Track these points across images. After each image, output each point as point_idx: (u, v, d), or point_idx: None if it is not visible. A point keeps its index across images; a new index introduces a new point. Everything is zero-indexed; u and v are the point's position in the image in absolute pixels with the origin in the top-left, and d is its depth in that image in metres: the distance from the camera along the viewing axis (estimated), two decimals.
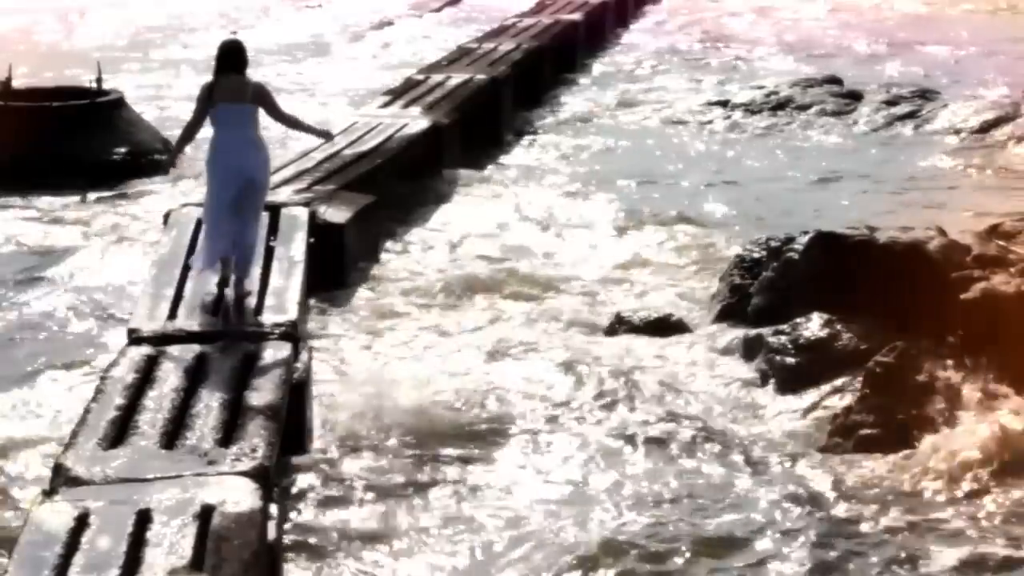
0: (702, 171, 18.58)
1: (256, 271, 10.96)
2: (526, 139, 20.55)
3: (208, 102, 10.44)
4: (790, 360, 10.73)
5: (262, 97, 10.52)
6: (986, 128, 20.43)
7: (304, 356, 9.84)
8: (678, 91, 24.37)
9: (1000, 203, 16.51)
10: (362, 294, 13.08)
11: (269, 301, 10.51)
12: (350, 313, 12.57)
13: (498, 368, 11.31)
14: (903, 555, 8.32)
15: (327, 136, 11.85)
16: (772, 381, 10.68)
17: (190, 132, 10.75)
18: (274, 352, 9.47)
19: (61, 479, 7.50)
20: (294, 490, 8.98)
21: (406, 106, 19.10)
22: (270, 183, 11.34)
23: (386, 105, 19.27)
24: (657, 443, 9.86)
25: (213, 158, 10.51)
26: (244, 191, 10.46)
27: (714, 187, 17.59)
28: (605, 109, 23.05)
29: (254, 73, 10.92)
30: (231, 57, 10.49)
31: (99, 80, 18.36)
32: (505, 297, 13.17)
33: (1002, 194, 17.18)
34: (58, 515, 7.02)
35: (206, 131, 10.75)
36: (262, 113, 10.55)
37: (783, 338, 10.95)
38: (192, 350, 9.46)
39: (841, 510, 8.88)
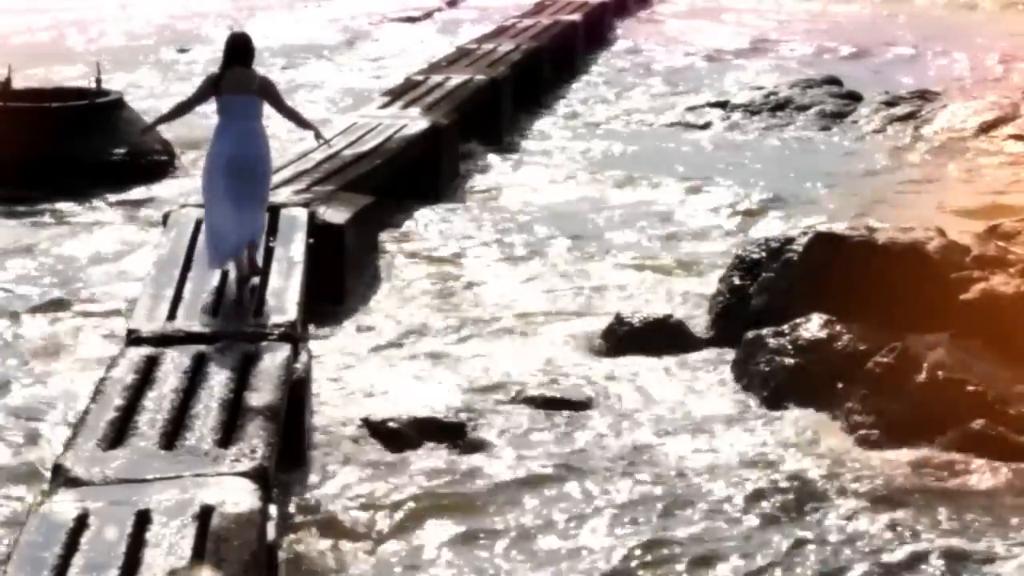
0: (701, 171, 18.56)
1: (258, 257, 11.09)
2: (525, 140, 20.54)
3: (214, 92, 10.68)
4: (789, 361, 10.72)
5: (267, 90, 10.76)
6: (985, 129, 20.43)
7: (303, 357, 9.83)
8: (677, 91, 24.38)
9: (999, 203, 16.52)
10: (361, 295, 13.08)
11: (269, 302, 10.51)
12: (349, 313, 12.57)
13: (496, 370, 11.33)
14: (903, 555, 8.33)
15: (323, 138, 11.93)
16: (771, 382, 10.67)
17: (182, 109, 11.01)
18: (273, 353, 9.46)
19: (60, 479, 7.49)
20: (293, 490, 8.98)
21: (405, 107, 19.09)
22: (272, 172, 11.49)
23: (385, 106, 19.26)
24: (651, 443, 9.88)
25: (217, 147, 10.70)
26: (248, 179, 10.64)
27: (712, 187, 17.57)
28: (604, 110, 23.05)
29: None
30: (239, 50, 10.71)
31: (98, 81, 18.35)
32: (503, 297, 13.17)
33: (1001, 194, 17.19)
34: (57, 516, 7.02)
35: (205, 130, 10.80)
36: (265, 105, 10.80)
37: (782, 339, 10.94)
38: (191, 351, 9.45)
39: (840, 511, 8.88)
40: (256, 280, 10.87)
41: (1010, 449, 9.55)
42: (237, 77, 10.65)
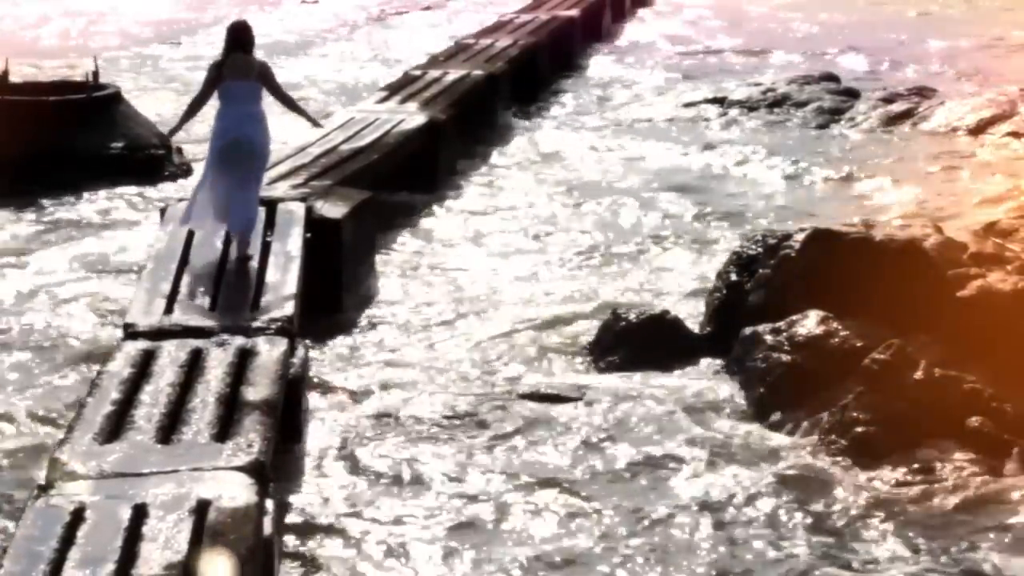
0: (698, 167, 18.58)
1: (256, 245, 11.38)
2: (523, 136, 20.53)
3: (217, 78, 11.19)
4: (786, 358, 10.72)
5: (265, 75, 11.33)
6: (983, 126, 20.42)
7: (300, 351, 9.84)
8: (675, 87, 24.36)
9: (997, 201, 16.52)
10: (358, 289, 13.07)
11: (266, 296, 10.51)
12: (346, 308, 12.57)
13: (493, 365, 11.34)
14: (899, 554, 8.33)
15: (316, 124, 12.27)
16: (767, 379, 10.67)
17: (196, 106, 11.53)
18: (270, 347, 9.47)
19: (57, 474, 7.50)
20: (290, 485, 8.98)
21: (403, 101, 19.09)
22: (270, 154, 11.85)
23: (383, 100, 19.26)
24: (646, 441, 9.88)
25: (219, 129, 11.17)
26: (247, 160, 11.12)
27: (709, 184, 17.58)
28: (601, 105, 23.04)
29: None
30: (239, 37, 11.31)
31: (96, 74, 18.32)
32: (503, 291, 13.18)
33: (999, 192, 17.18)
34: (54, 510, 7.02)
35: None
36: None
37: (779, 336, 10.94)
38: (188, 345, 9.46)
39: (836, 509, 8.88)
40: (252, 261, 11.21)
41: (1007, 446, 9.55)
42: (238, 63, 11.18)
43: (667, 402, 10.57)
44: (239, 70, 11.19)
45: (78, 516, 6.96)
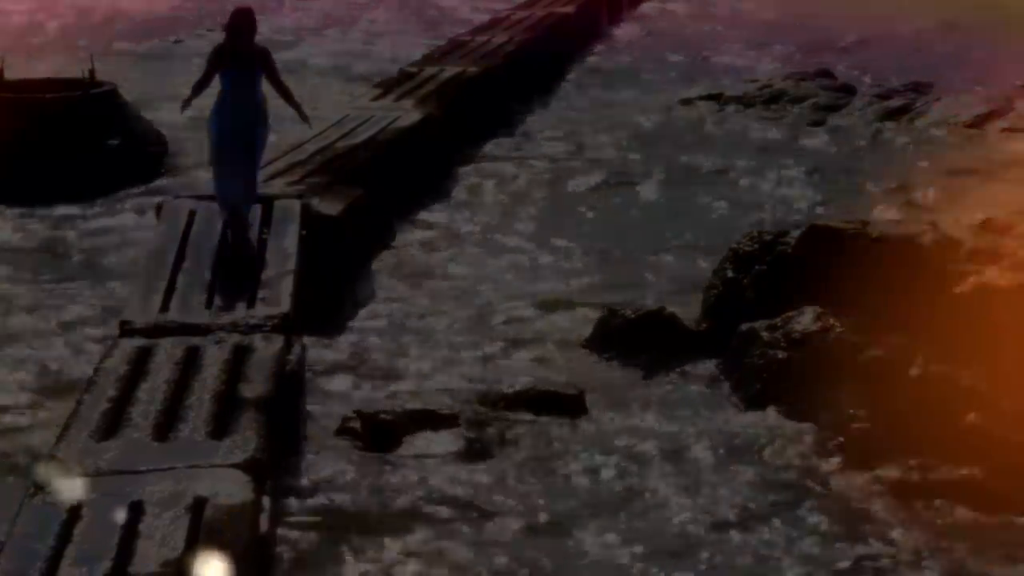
0: (695, 165, 18.57)
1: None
2: (519, 133, 20.52)
3: (218, 63, 11.31)
4: (782, 355, 10.73)
5: (266, 62, 11.46)
6: (979, 122, 20.41)
7: (297, 348, 9.84)
8: (671, 84, 24.36)
9: (993, 197, 16.52)
10: (355, 286, 13.07)
11: (262, 293, 10.51)
12: (343, 305, 12.57)
13: (491, 363, 11.35)
14: (897, 552, 8.33)
15: (306, 119, 12.20)
16: (764, 375, 10.67)
17: (199, 88, 11.56)
18: (267, 344, 9.46)
19: (54, 471, 7.49)
20: (287, 481, 8.97)
21: (399, 98, 19.08)
22: (269, 131, 11.91)
23: (378, 97, 19.25)
24: (643, 438, 9.88)
25: (219, 113, 11.34)
26: (248, 142, 11.30)
27: (706, 181, 17.58)
28: (598, 102, 23.04)
29: None
30: (241, 23, 11.40)
31: (92, 72, 18.29)
32: (500, 289, 13.17)
33: (995, 188, 17.18)
34: (50, 507, 7.02)
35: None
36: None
37: (775, 332, 10.94)
38: (184, 342, 9.46)
39: (833, 507, 8.88)
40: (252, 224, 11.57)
41: (1004, 443, 9.55)
42: (240, 49, 11.28)
43: (663, 399, 10.58)
44: (240, 55, 11.29)
45: (74, 513, 6.96)
